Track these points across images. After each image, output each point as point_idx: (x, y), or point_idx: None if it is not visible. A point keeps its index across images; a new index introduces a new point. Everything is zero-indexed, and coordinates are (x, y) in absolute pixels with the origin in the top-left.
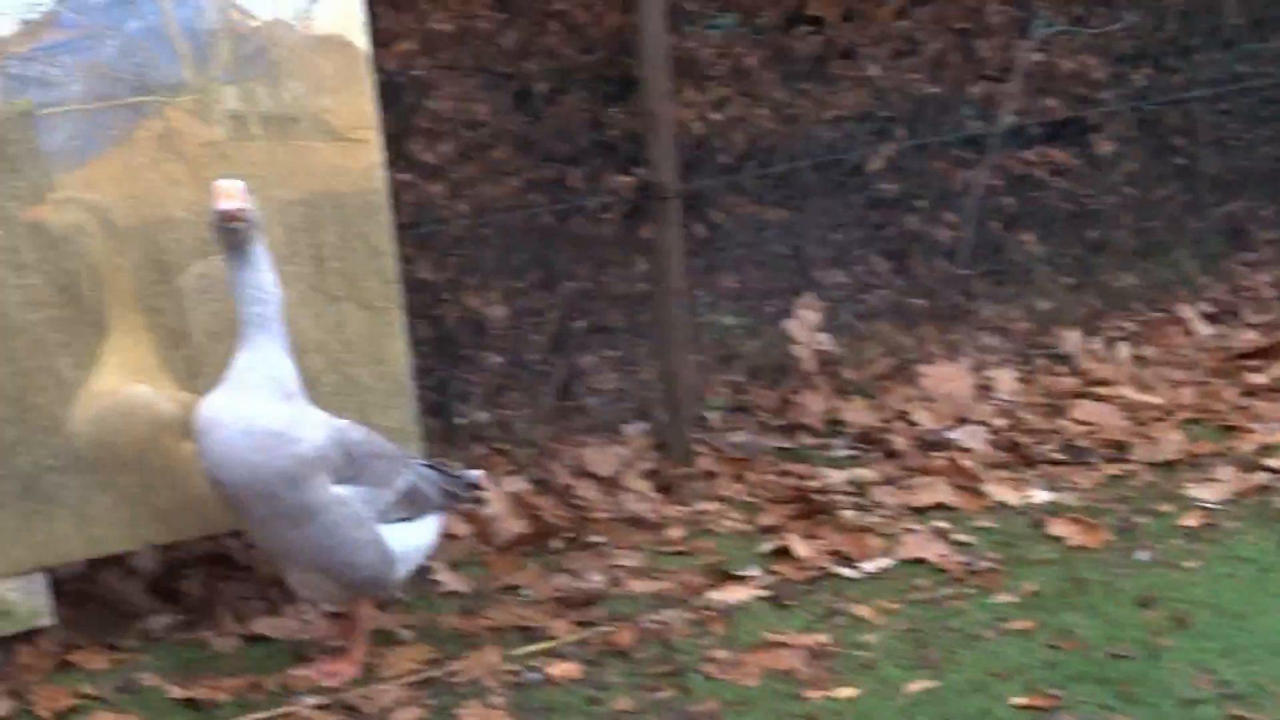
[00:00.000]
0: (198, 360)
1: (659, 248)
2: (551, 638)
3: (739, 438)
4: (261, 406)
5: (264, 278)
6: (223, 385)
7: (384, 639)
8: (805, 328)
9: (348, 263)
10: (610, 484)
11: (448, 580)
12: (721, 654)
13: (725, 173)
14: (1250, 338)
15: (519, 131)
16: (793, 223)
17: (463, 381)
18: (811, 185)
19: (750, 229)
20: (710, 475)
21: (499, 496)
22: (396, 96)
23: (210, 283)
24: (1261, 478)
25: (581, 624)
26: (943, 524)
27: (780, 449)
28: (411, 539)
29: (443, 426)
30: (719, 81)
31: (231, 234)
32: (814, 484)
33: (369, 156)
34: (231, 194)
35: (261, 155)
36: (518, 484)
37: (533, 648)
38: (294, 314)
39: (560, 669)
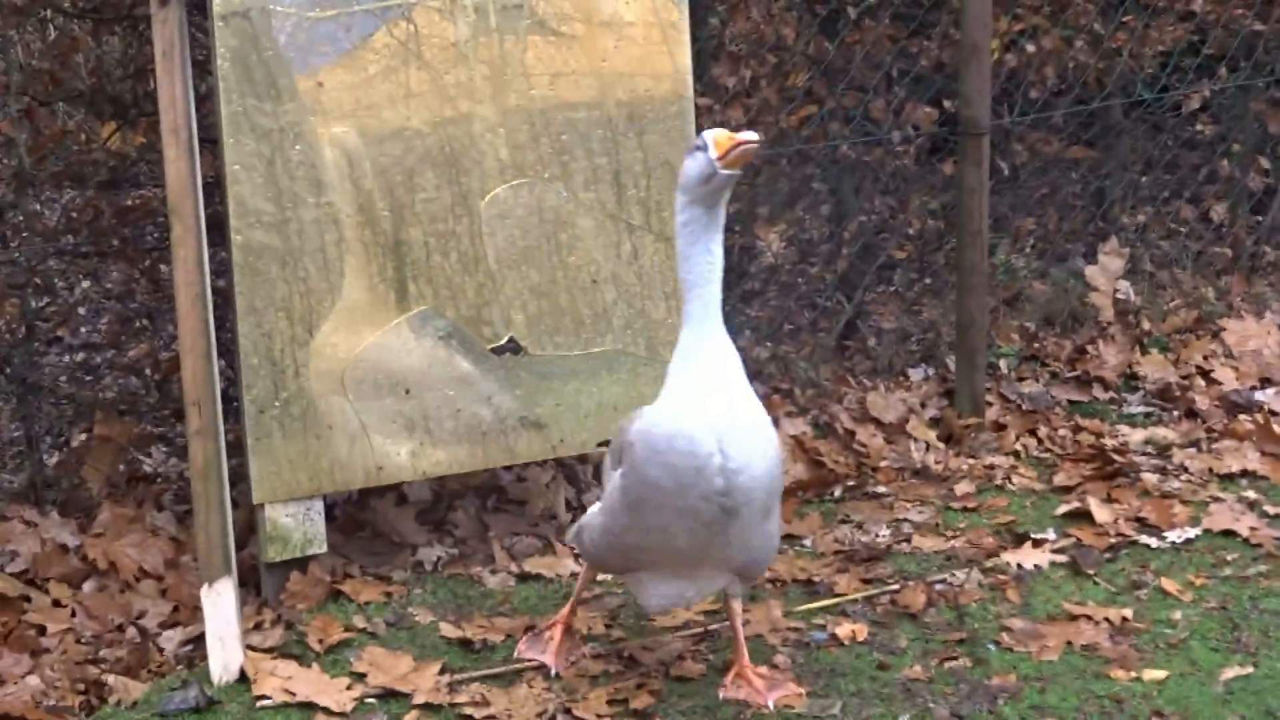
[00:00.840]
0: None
1: (964, 185)
2: (837, 594)
3: (1030, 388)
4: (756, 401)
5: (720, 244)
6: (710, 381)
7: None
8: (1106, 274)
9: (648, 190)
10: (894, 431)
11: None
12: (1018, 623)
13: (1034, 108)
14: None
15: (823, 57)
16: (1098, 163)
17: (744, 317)
18: (1122, 124)
19: (1054, 168)
20: (1000, 427)
21: (779, 438)
22: (700, 14)
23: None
24: None
25: (867, 581)
26: (1251, 494)
27: (1073, 402)
28: None
29: None
30: (1033, 10)
31: (724, 188)
32: (1111, 443)
33: (679, 70)
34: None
35: (551, 52)
36: (798, 426)
37: (816, 604)
38: (588, 244)
39: (846, 629)
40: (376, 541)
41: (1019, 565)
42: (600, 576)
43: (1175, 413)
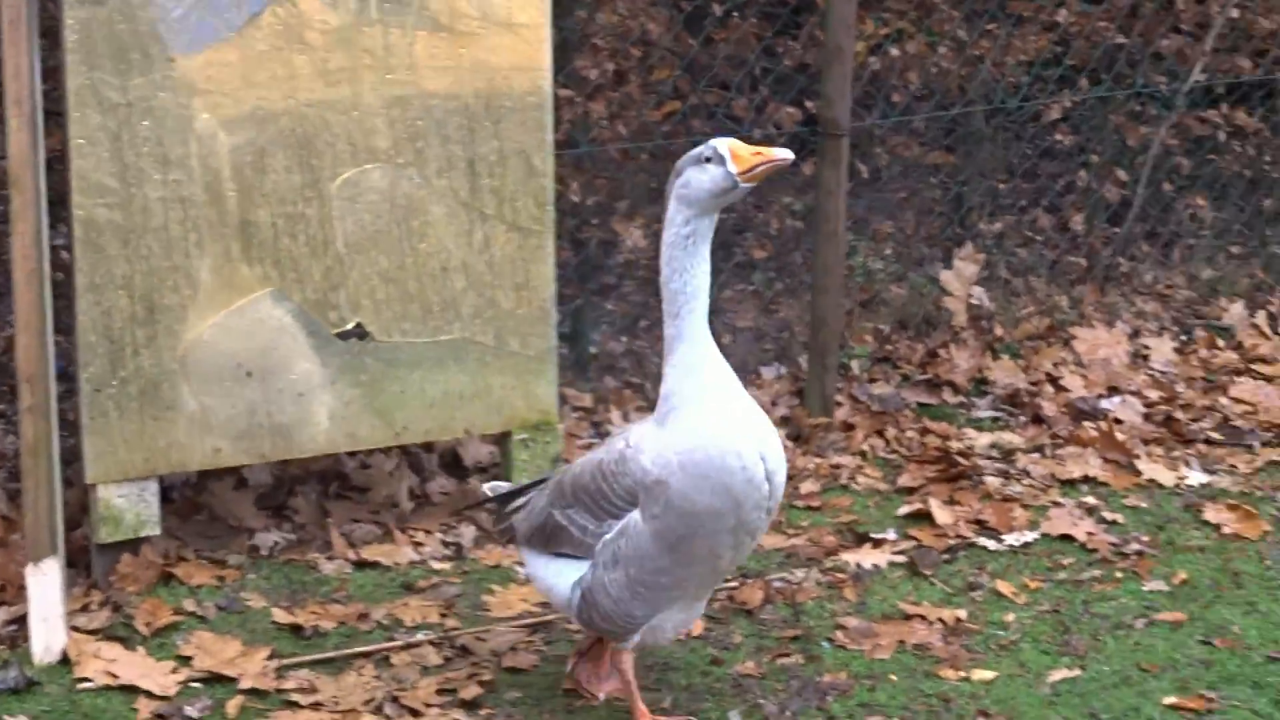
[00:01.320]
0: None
1: (823, 186)
2: None
3: (881, 390)
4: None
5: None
6: (728, 393)
7: (501, 577)
8: (961, 280)
9: (502, 180)
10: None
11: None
12: (853, 622)
13: (896, 112)
14: None
15: (687, 53)
16: (958, 169)
17: (599, 310)
18: (982, 131)
19: (914, 173)
20: (848, 427)
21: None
22: (564, 5)
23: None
24: None
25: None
26: (1091, 499)
27: (922, 405)
28: None
29: (575, 356)
30: (899, 15)
31: (738, 199)
32: (957, 445)
33: (537, 54)
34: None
35: (414, 46)
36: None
37: None
38: (439, 231)
39: None
40: (213, 525)
41: (858, 565)
42: (439, 565)
43: (1022, 418)
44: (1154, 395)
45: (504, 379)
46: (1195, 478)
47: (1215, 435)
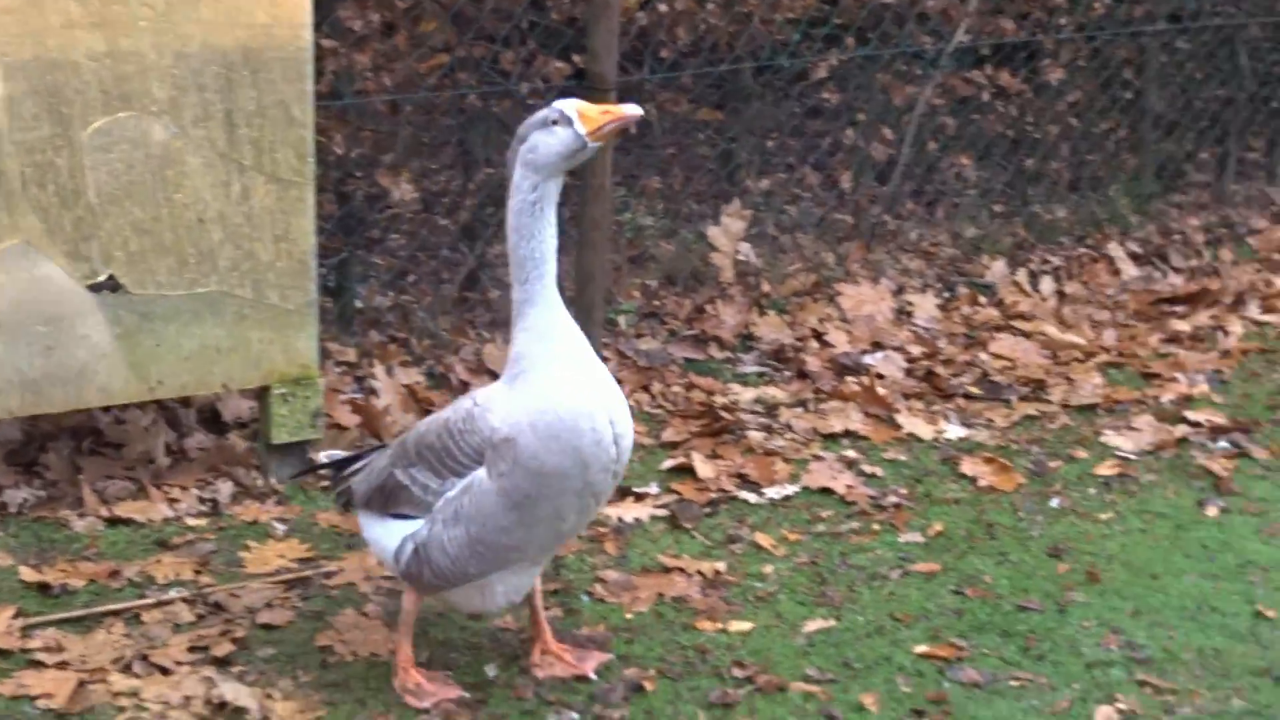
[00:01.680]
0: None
1: None
2: None
3: (648, 345)
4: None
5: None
6: (580, 357)
7: (258, 533)
8: (728, 236)
9: (260, 130)
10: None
11: (329, 473)
12: (613, 575)
13: (664, 68)
14: (1176, 282)
15: (454, 5)
16: (727, 126)
17: (365, 264)
18: (751, 89)
19: (682, 128)
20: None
21: (391, 387)
22: None
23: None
24: (1181, 430)
25: None
26: (852, 453)
27: (689, 360)
28: None
29: (339, 310)
30: None
31: (588, 160)
32: (722, 400)
33: (297, 4)
34: (609, 109)
35: None
36: (412, 376)
37: None
38: (196, 182)
39: None
40: None
41: (620, 519)
42: (194, 521)
43: (787, 373)
44: (916, 351)
45: (263, 333)
46: (954, 431)
47: (974, 390)
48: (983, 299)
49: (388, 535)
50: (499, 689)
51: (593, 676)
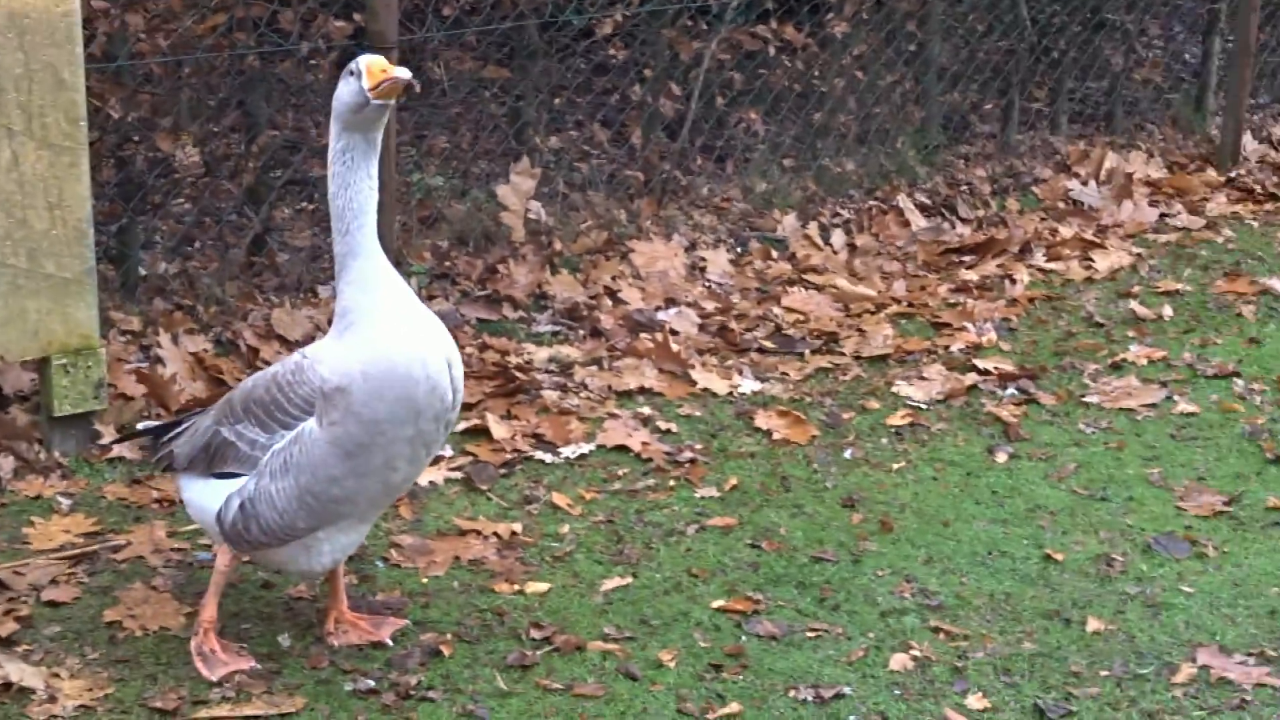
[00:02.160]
0: None
1: None
2: None
3: (440, 306)
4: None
5: (377, 171)
6: (408, 306)
7: (42, 509)
8: (519, 194)
9: (29, 94)
10: (300, 348)
11: (114, 444)
12: (408, 539)
13: (446, 25)
14: (963, 233)
15: None
16: (513, 84)
17: (147, 230)
18: (536, 45)
19: (468, 87)
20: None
21: (177, 356)
22: None
23: None
24: (970, 379)
25: None
26: (647, 410)
27: (482, 320)
28: None
29: (122, 278)
30: None
31: (377, 118)
32: (516, 360)
33: None
34: (388, 69)
35: None
36: (199, 343)
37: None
38: None
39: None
40: None
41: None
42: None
43: (581, 331)
44: (710, 306)
45: (40, 302)
46: (748, 385)
47: (768, 344)
48: (775, 253)
49: (211, 495)
50: (294, 659)
51: (389, 643)
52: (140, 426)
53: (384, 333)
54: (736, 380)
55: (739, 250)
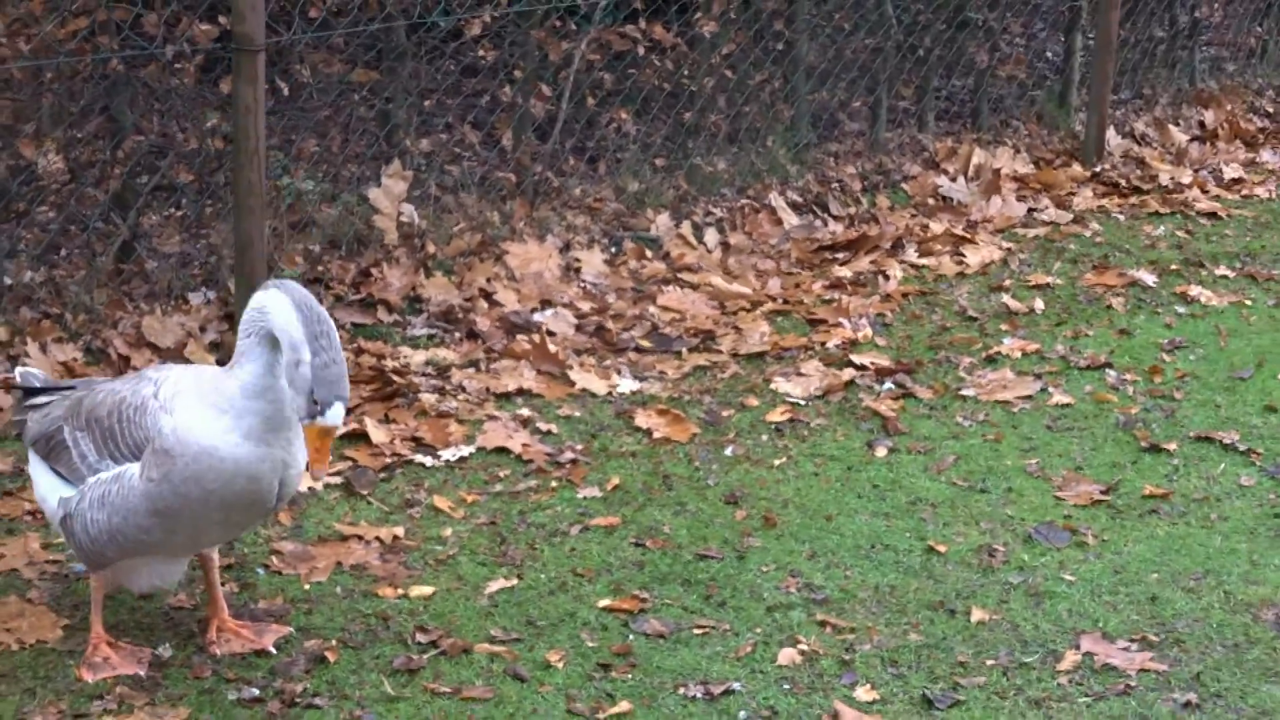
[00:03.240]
0: None
1: (239, 104)
2: None
3: None
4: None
5: None
6: (275, 415)
7: None
8: (390, 197)
9: None
10: (172, 355)
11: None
12: (288, 546)
13: (313, 27)
14: (836, 230)
15: None
16: (382, 86)
17: (11, 239)
18: (405, 47)
19: (336, 89)
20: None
21: (46, 365)
22: None
23: None
24: (848, 374)
25: None
26: (526, 411)
27: (357, 325)
28: None
29: None
30: None
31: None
32: (392, 364)
33: None
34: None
35: None
36: (69, 352)
37: None
38: None
39: None
40: None
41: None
42: None
43: (457, 334)
44: (586, 307)
45: None
46: (626, 385)
47: (645, 343)
48: (649, 253)
49: (49, 489)
50: (176, 669)
51: (272, 650)
52: (17, 374)
53: (223, 433)
54: (615, 380)
55: (613, 250)
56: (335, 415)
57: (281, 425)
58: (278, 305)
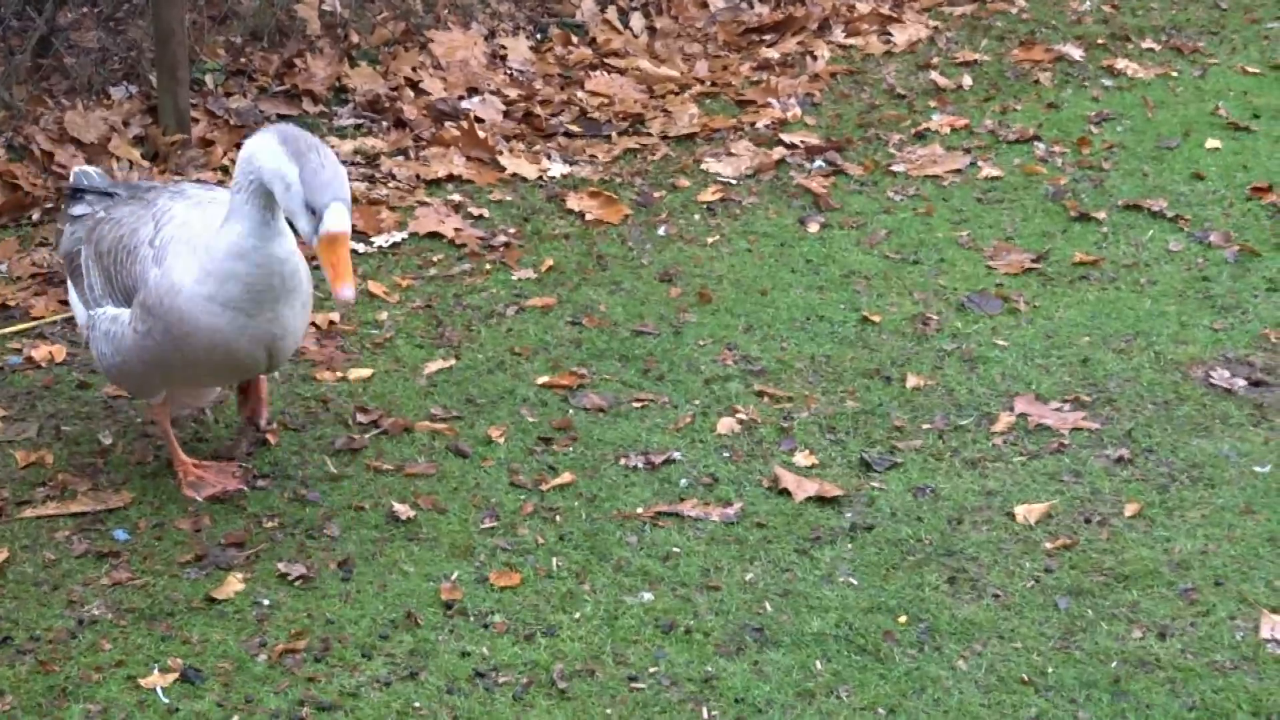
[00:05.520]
0: None
1: None
2: (34, 318)
3: (238, 103)
4: (298, 257)
5: None
6: (261, 279)
7: None
8: None
9: None
10: (96, 151)
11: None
12: None
13: None
14: (762, 12)
15: None
16: None
17: None
18: None
19: None
20: (207, 143)
21: None
22: None
23: None
24: (778, 153)
25: (65, 303)
26: (457, 197)
27: (282, 116)
28: None
29: None
30: None
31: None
32: None
33: None
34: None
35: None
36: None
37: (12, 329)
38: None
39: (44, 351)
40: None
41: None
42: None
43: (385, 123)
44: (513, 94)
45: None
46: (557, 169)
47: (574, 128)
48: (574, 39)
49: (77, 305)
50: (117, 455)
51: (200, 499)
52: (73, 175)
53: (207, 297)
54: (545, 164)
55: (539, 37)
56: (337, 216)
57: (267, 296)
58: (262, 144)
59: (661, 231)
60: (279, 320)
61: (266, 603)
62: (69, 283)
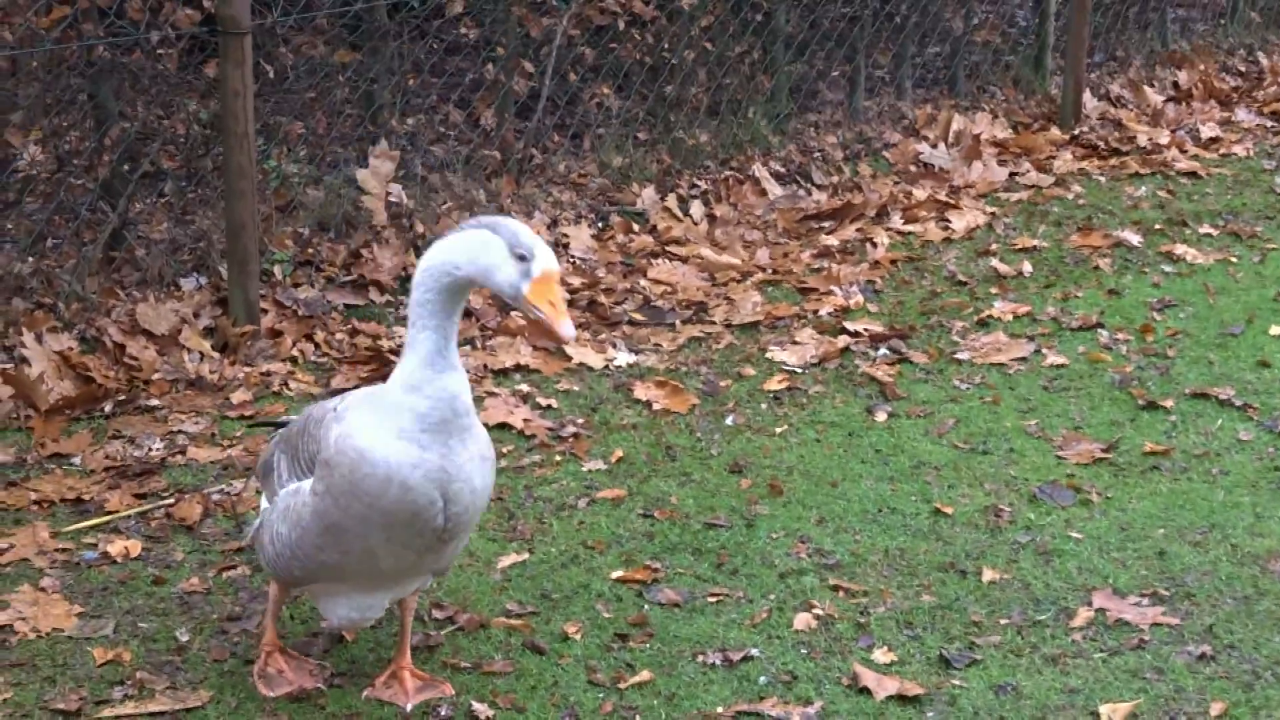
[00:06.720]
0: None
1: (227, 88)
2: (108, 512)
3: (306, 294)
4: (479, 430)
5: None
6: (437, 422)
7: None
8: (378, 178)
9: None
10: (167, 342)
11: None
12: None
13: (297, 9)
14: (820, 199)
15: None
16: (366, 67)
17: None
18: (387, 27)
19: (320, 71)
20: (276, 334)
21: (42, 355)
22: None
23: None
24: (842, 341)
25: (140, 496)
26: (525, 387)
27: (349, 306)
28: None
29: None
30: None
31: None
32: (388, 344)
33: None
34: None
35: None
36: (63, 342)
37: (87, 523)
38: None
39: (119, 546)
40: None
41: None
42: None
43: None
44: (577, 282)
45: None
46: (623, 358)
47: (638, 316)
48: (636, 226)
49: (263, 506)
50: (195, 653)
51: (408, 710)
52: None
53: (381, 430)
54: (611, 353)
55: (600, 225)
56: (547, 254)
57: (440, 427)
58: (443, 243)
59: (729, 421)
60: (451, 457)
61: None
62: (262, 496)
